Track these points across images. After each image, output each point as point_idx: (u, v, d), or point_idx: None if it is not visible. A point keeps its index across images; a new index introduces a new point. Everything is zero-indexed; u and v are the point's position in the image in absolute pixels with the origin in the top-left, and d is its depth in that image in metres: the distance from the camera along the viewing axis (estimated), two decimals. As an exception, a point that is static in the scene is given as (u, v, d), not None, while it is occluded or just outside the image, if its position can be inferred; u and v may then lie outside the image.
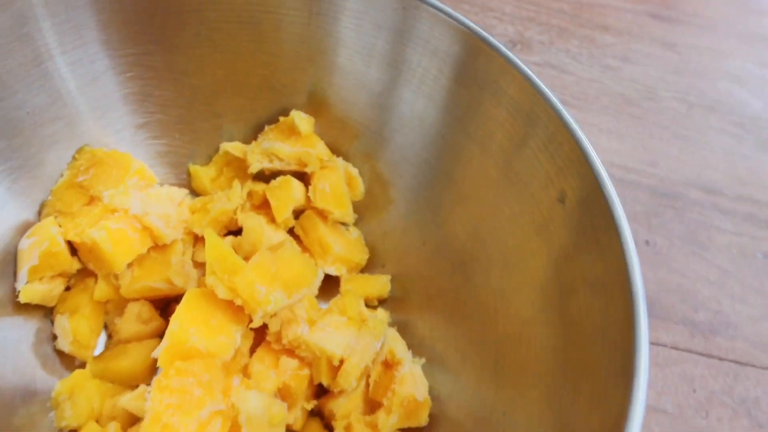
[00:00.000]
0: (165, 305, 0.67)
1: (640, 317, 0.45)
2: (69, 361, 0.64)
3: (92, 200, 0.63)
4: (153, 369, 0.65)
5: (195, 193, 0.71)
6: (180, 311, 0.54)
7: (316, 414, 0.64)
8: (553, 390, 0.51)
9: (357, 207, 0.72)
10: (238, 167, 0.70)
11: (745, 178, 0.99)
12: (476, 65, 0.60)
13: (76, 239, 0.60)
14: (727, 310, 0.84)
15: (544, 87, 0.56)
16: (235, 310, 0.56)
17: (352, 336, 0.59)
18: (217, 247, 0.54)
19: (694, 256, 0.92)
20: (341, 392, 0.61)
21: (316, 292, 0.62)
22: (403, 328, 0.67)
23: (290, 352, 0.60)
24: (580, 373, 0.49)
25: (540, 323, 0.55)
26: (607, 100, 1.08)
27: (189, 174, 0.72)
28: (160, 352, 0.53)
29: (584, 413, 0.47)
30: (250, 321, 0.57)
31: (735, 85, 1.14)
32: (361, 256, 0.70)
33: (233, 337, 0.55)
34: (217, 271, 0.54)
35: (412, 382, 0.60)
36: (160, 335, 0.66)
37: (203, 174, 0.70)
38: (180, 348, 0.53)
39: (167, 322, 0.64)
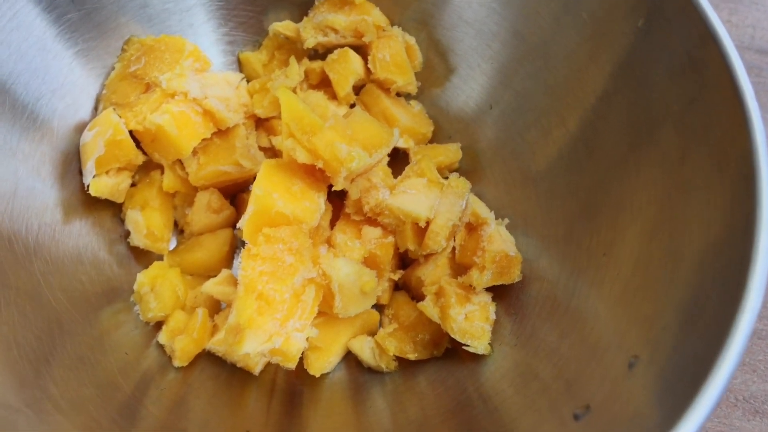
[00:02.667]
0: (233, 196, 0.65)
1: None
2: (144, 258, 0.62)
3: (148, 88, 0.60)
4: (230, 258, 0.63)
5: (248, 80, 0.68)
6: (260, 180, 0.51)
7: (401, 288, 0.63)
8: (659, 218, 0.48)
9: (416, 79, 0.68)
10: (290, 49, 0.67)
11: (803, 31, 0.95)
12: None
13: (138, 127, 0.58)
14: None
15: None
16: (315, 177, 0.54)
17: (435, 196, 0.57)
18: (294, 106, 0.51)
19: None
20: (428, 258, 0.59)
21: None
22: (479, 197, 0.64)
23: (372, 221, 0.58)
24: (690, 190, 0.47)
25: (634, 160, 0.52)
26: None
27: (239, 62, 0.69)
28: (246, 220, 0.51)
29: (697, 234, 0.45)
30: (330, 189, 0.55)
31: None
32: (427, 128, 0.68)
33: (317, 203, 0.53)
34: (295, 133, 0.51)
35: (500, 239, 0.58)
36: (232, 225, 0.64)
37: (254, 59, 0.67)
38: (266, 214, 0.51)
39: (237, 213, 0.63)
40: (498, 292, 0.59)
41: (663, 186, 0.49)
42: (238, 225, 0.52)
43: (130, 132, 0.58)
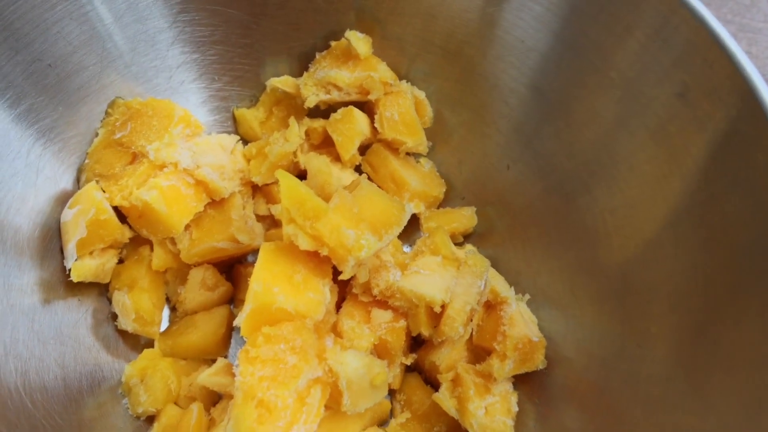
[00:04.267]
0: (229, 267, 0.60)
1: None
2: (133, 341, 0.57)
3: (135, 158, 0.55)
4: (227, 340, 0.58)
5: (243, 139, 0.63)
6: (259, 270, 0.46)
7: (413, 369, 0.58)
8: (701, 311, 0.43)
9: (425, 135, 0.63)
10: (289, 105, 0.62)
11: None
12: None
13: (123, 203, 0.53)
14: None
15: (652, -39, 0.47)
16: (319, 261, 0.49)
17: (451, 277, 0.52)
18: (295, 190, 0.46)
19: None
20: (443, 342, 0.54)
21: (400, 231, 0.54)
22: (494, 265, 0.60)
23: (381, 302, 0.53)
24: (728, 294, 0.42)
25: (669, 241, 0.47)
26: None
27: (234, 119, 0.64)
28: (244, 318, 0.45)
29: (740, 341, 0.40)
30: (335, 273, 0.50)
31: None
32: (439, 189, 0.63)
33: (322, 293, 0.48)
34: (296, 218, 0.46)
35: (522, 321, 0.53)
36: (228, 301, 0.59)
37: (251, 117, 0.62)
38: (266, 312, 0.45)
39: (234, 287, 0.58)
40: (520, 377, 0.54)
41: (706, 275, 0.44)
42: (235, 322, 0.47)
43: (116, 207, 0.53)
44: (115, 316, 0.56)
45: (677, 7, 0.46)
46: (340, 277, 0.49)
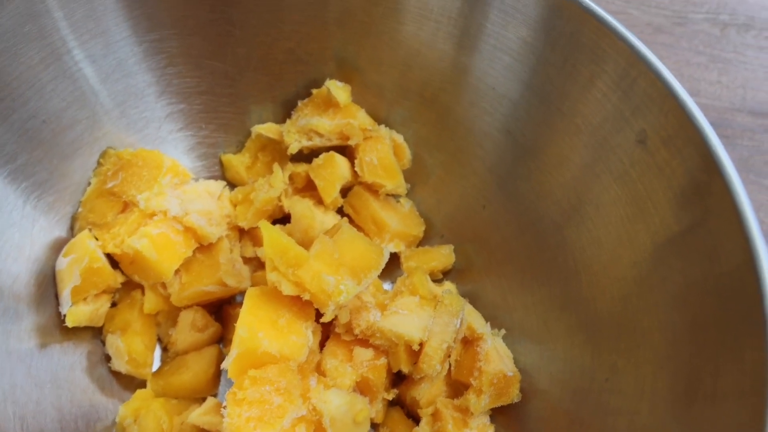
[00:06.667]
0: (217, 308, 0.63)
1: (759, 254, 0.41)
2: (127, 382, 0.59)
3: (126, 206, 0.58)
4: (217, 378, 0.61)
5: (230, 183, 0.66)
6: (244, 315, 0.49)
7: (396, 403, 0.60)
8: (671, 346, 0.46)
9: (404, 176, 0.66)
10: (274, 150, 0.65)
11: (796, 94, 0.94)
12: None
13: (116, 251, 0.55)
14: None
15: (610, 18, 0.51)
16: (302, 305, 0.52)
17: (428, 316, 0.55)
18: (277, 240, 0.49)
19: (753, 185, 0.87)
20: (422, 378, 0.56)
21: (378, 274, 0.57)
22: (473, 300, 0.63)
23: (363, 341, 0.55)
24: (684, 334, 0.45)
25: (633, 279, 0.50)
26: (635, 31, 1.02)
27: (221, 164, 0.67)
28: (231, 362, 0.48)
29: (714, 367, 0.42)
30: (318, 315, 0.53)
31: (768, -3, 1.07)
32: (419, 229, 0.65)
33: (305, 335, 0.51)
34: (279, 266, 0.49)
35: (498, 357, 0.55)
36: (217, 341, 0.62)
37: (237, 162, 0.65)
38: (252, 355, 0.48)
39: (223, 326, 0.60)
40: (497, 410, 0.57)
41: (667, 314, 0.47)
42: (223, 365, 0.49)
43: (108, 254, 0.56)
44: (108, 358, 0.58)
45: (635, 60, 0.49)
46: (322, 320, 0.51)
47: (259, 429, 0.47)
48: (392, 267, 0.65)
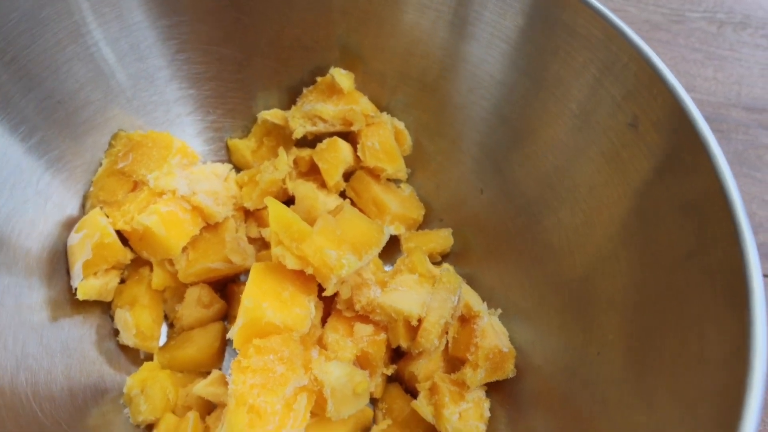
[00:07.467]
0: (222, 286, 0.65)
1: (743, 232, 0.43)
2: (134, 355, 0.61)
3: (136, 186, 0.60)
4: (221, 353, 0.62)
5: (236, 167, 0.68)
6: (250, 288, 0.51)
7: (394, 379, 0.62)
8: (659, 317, 0.48)
9: (405, 162, 0.68)
10: (279, 135, 0.67)
11: (789, 90, 0.96)
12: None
13: (126, 228, 0.57)
14: (792, 226, 0.82)
15: (603, 7, 0.53)
16: (305, 279, 0.54)
17: (426, 293, 0.57)
18: (282, 215, 0.51)
19: (746, 178, 0.89)
20: (421, 353, 0.58)
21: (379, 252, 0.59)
22: (470, 281, 0.65)
23: (363, 317, 0.57)
24: (670, 304, 0.47)
25: (623, 257, 0.52)
26: (633, 29, 1.04)
27: (227, 149, 0.69)
28: (236, 331, 0.50)
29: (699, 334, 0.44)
30: (320, 290, 0.55)
31: (763, -4, 1.09)
32: (418, 212, 0.68)
33: (307, 308, 0.53)
34: (284, 240, 0.51)
35: (494, 333, 0.57)
36: (222, 318, 0.63)
37: (243, 146, 0.67)
38: (256, 325, 0.50)
39: (227, 303, 0.62)
40: (492, 385, 0.58)
41: (656, 288, 0.49)
42: (228, 335, 0.51)
43: (118, 231, 0.58)
44: (116, 332, 0.60)
45: (626, 46, 0.51)
46: (324, 294, 0.53)
47: (262, 396, 0.49)
48: (392, 250, 0.67)
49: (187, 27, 0.60)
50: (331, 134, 0.65)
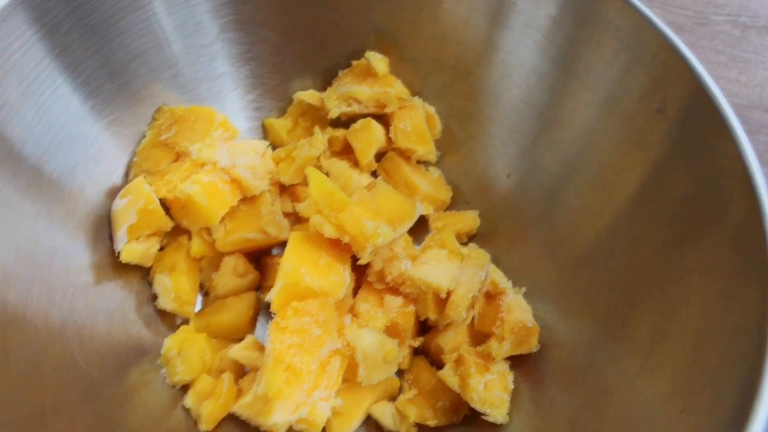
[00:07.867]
0: (257, 258, 0.67)
1: (765, 210, 0.45)
2: (170, 321, 0.64)
3: (179, 157, 0.62)
4: (254, 322, 0.65)
5: (272, 146, 0.71)
6: (288, 254, 0.53)
7: (420, 352, 0.64)
8: (682, 294, 0.50)
9: (435, 146, 0.71)
10: (314, 116, 0.69)
11: (811, 93, 0.97)
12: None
13: (168, 196, 0.60)
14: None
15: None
16: (340, 249, 0.56)
17: (455, 267, 0.59)
18: (322, 184, 0.53)
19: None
20: (447, 326, 0.60)
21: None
22: (496, 262, 0.66)
23: (394, 290, 0.60)
24: (694, 279, 0.48)
25: (645, 237, 0.54)
26: (657, 30, 1.06)
27: (264, 128, 0.71)
28: (275, 294, 0.52)
29: (716, 315, 0.46)
30: (353, 262, 0.57)
31: (787, 2, 1.11)
32: (446, 194, 0.70)
33: (343, 276, 0.55)
34: (323, 209, 0.53)
35: (519, 309, 0.59)
36: (256, 288, 0.66)
37: (279, 126, 0.70)
38: (294, 289, 0.52)
39: (261, 275, 0.64)
40: (516, 360, 0.60)
41: (678, 267, 0.50)
42: (267, 298, 0.53)
43: (159, 200, 0.60)
44: (154, 297, 0.62)
45: (656, 36, 0.54)
46: (359, 262, 0.55)
47: (298, 356, 0.51)
48: (421, 230, 0.69)
49: (232, 8, 0.63)
50: (364, 116, 0.67)
